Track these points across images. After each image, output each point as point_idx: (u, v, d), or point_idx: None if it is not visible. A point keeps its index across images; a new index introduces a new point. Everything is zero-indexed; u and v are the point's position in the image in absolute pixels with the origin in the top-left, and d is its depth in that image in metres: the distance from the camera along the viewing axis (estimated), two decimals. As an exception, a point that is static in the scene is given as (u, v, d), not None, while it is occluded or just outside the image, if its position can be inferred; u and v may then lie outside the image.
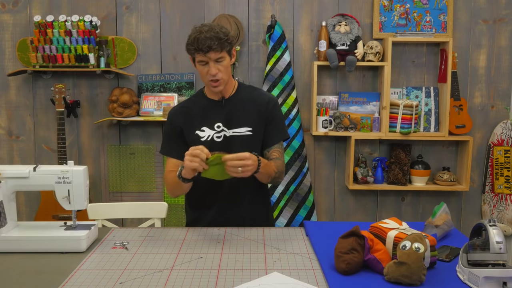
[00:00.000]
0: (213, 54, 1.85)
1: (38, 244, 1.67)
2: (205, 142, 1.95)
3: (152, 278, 1.46)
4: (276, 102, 2.06)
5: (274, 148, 2.01)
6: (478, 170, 3.40)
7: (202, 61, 1.88)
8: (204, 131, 1.97)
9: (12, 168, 1.72)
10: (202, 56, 1.86)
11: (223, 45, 1.86)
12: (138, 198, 3.38)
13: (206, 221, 2.02)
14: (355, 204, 3.44)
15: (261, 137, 2.00)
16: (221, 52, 1.87)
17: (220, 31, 1.86)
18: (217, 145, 1.95)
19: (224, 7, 3.27)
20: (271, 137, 2.01)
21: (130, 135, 3.37)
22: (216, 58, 1.87)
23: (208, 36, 1.83)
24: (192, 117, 2.00)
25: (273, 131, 2.02)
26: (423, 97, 3.30)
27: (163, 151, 2.07)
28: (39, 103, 3.33)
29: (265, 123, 2.01)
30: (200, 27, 1.88)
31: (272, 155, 1.99)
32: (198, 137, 1.97)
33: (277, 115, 2.05)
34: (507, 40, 3.29)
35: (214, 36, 1.83)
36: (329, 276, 1.45)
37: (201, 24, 1.92)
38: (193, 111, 2.02)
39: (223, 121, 1.98)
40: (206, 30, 1.84)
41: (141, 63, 3.32)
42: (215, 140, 1.96)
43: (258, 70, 3.31)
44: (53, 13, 3.23)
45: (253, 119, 1.99)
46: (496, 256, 1.33)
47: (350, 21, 3.16)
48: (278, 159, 1.99)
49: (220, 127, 1.98)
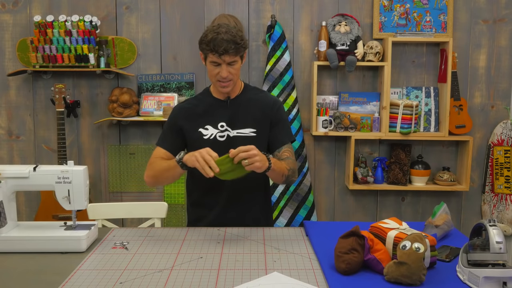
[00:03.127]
0: (228, 57, 1.84)
1: (38, 244, 1.67)
2: (207, 141, 1.95)
3: (152, 278, 1.46)
4: (281, 105, 2.07)
5: (284, 148, 2.00)
6: (478, 170, 3.40)
7: (214, 62, 1.87)
8: (208, 130, 1.98)
9: (12, 168, 1.72)
10: (216, 58, 1.85)
11: (239, 50, 1.86)
12: (138, 198, 3.38)
13: (207, 221, 2.02)
14: (355, 204, 3.44)
15: (265, 139, 2.00)
16: (235, 56, 1.86)
17: (237, 35, 1.84)
18: (219, 145, 1.95)
19: (224, 7, 3.27)
20: (279, 138, 2.01)
21: (130, 135, 3.37)
22: (229, 61, 1.86)
23: (226, 38, 1.81)
24: (197, 114, 2.00)
25: (280, 132, 2.02)
26: (423, 97, 3.30)
27: (158, 142, 2.05)
28: (39, 103, 3.33)
29: (271, 125, 2.01)
30: (217, 28, 1.85)
31: (283, 155, 1.98)
32: (201, 135, 1.97)
33: (283, 117, 2.05)
34: (507, 40, 3.29)
35: (231, 39, 1.82)
36: (329, 276, 1.44)
37: (218, 23, 1.90)
38: (198, 109, 2.01)
39: (227, 121, 1.98)
40: (224, 31, 1.82)
41: (141, 63, 3.32)
42: (218, 139, 1.96)
43: (258, 70, 3.31)
44: (53, 13, 3.23)
45: (258, 121, 1.99)
46: (496, 256, 1.33)
47: (350, 21, 3.16)
48: (289, 158, 1.98)
49: (224, 127, 1.97)
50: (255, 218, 2.04)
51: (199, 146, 1.92)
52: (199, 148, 1.90)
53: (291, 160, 1.99)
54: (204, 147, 1.88)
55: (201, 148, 1.82)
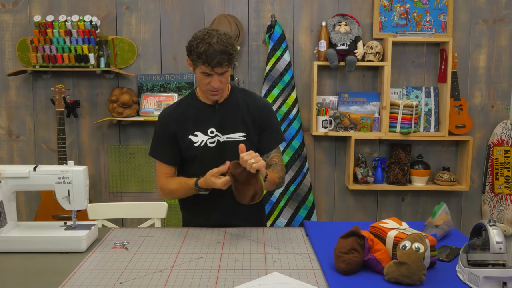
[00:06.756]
0: (220, 69, 1.81)
1: (38, 244, 1.67)
2: (198, 148, 1.94)
3: (152, 278, 1.46)
4: (271, 108, 2.06)
5: (272, 153, 2.01)
6: (478, 170, 3.40)
7: (205, 72, 1.82)
8: (197, 136, 1.94)
9: (12, 168, 1.72)
10: (209, 70, 1.81)
11: (231, 61, 1.82)
12: (138, 198, 3.38)
13: (199, 224, 2.00)
14: (355, 204, 3.44)
15: (255, 142, 1.99)
16: (228, 67, 1.83)
17: (228, 43, 1.79)
18: (210, 151, 1.93)
19: (224, 7, 3.27)
20: (268, 144, 2.01)
21: (130, 135, 3.37)
22: (221, 72, 1.83)
23: (218, 50, 1.76)
24: (185, 120, 1.96)
25: (270, 138, 2.01)
26: (423, 97, 3.30)
27: (155, 154, 2.01)
28: (39, 103, 3.33)
29: (260, 129, 2.00)
30: (208, 37, 1.78)
31: (272, 160, 1.99)
32: (191, 142, 1.94)
33: (273, 121, 2.04)
34: (507, 40, 3.29)
35: (224, 50, 1.77)
36: (329, 276, 1.45)
37: (207, 31, 1.82)
38: (185, 115, 1.97)
39: (217, 126, 1.95)
40: (216, 41, 1.76)
41: (141, 63, 3.32)
42: (208, 145, 1.94)
43: (258, 70, 3.31)
44: (53, 13, 3.23)
45: (247, 125, 1.97)
46: (496, 256, 1.33)
47: (350, 21, 3.16)
48: (277, 164, 1.99)
49: (214, 133, 1.95)
50: (248, 224, 2.02)
51: (190, 154, 1.94)
52: (190, 155, 1.95)
53: (280, 167, 2.00)
54: (195, 154, 1.93)
55: (192, 155, 1.91)
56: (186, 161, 1.98)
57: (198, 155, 1.94)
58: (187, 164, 1.99)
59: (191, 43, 1.82)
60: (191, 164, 1.97)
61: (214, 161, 1.83)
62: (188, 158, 1.96)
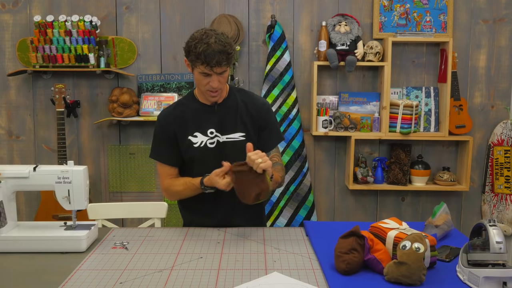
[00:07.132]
0: (220, 69, 1.81)
1: (38, 244, 1.67)
2: (197, 149, 1.93)
3: (152, 278, 1.46)
4: (269, 107, 2.06)
5: (272, 153, 2.01)
6: (478, 170, 3.40)
7: (204, 72, 1.82)
8: (197, 137, 1.94)
9: (12, 168, 1.72)
10: (208, 70, 1.80)
11: (230, 60, 1.82)
12: (138, 198, 3.38)
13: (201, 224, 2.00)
14: (355, 204, 3.44)
15: (255, 142, 1.98)
16: (227, 67, 1.83)
17: (226, 43, 1.78)
18: (210, 151, 1.93)
19: (224, 7, 3.27)
20: (268, 143, 2.01)
21: (130, 135, 3.37)
22: (220, 71, 1.82)
23: (217, 49, 1.75)
24: (184, 121, 1.96)
25: (269, 137, 2.01)
26: (423, 97, 3.30)
27: (156, 156, 2.00)
28: (39, 103, 3.33)
29: (259, 129, 2.00)
30: (206, 37, 1.78)
31: (272, 160, 1.99)
32: (191, 143, 1.94)
33: (272, 120, 2.04)
34: (507, 40, 3.29)
35: (222, 50, 1.76)
36: (329, 276, 1.45)
37: (204, 31, 1.82)
38: (184, 116, 1.97)
39: (216, 127, 1.95)
40: (214, 41, 1.76)
41: (141, 63, 3.32)
42: (208, 146, 1.94)
43: (258, 70, 3.31)
44: (53, 13, 3.23)
45: (246, 124, 1.97)
46: (496, 256, 1.33)
47: (350, 21, 3.16)
48: (277, 163, 1.99)
49: (213, 133, 1.94)
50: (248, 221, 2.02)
51: (190, 155, 1.94)
52: (190, 155, 1.94)
53: (280, 166, 2.00)
54: (194, 155, 1.92)
55: (192, 156, 1.91)
56: (186, 162, 1.98)
57: (198, 156, 1.93)
58: (187, 165, 1.99)
59: (189, 44, 1.81)
60: (191, 165, 1.97)
61: (214, 162, 1.83)
62: (188, 159, 1.96)
